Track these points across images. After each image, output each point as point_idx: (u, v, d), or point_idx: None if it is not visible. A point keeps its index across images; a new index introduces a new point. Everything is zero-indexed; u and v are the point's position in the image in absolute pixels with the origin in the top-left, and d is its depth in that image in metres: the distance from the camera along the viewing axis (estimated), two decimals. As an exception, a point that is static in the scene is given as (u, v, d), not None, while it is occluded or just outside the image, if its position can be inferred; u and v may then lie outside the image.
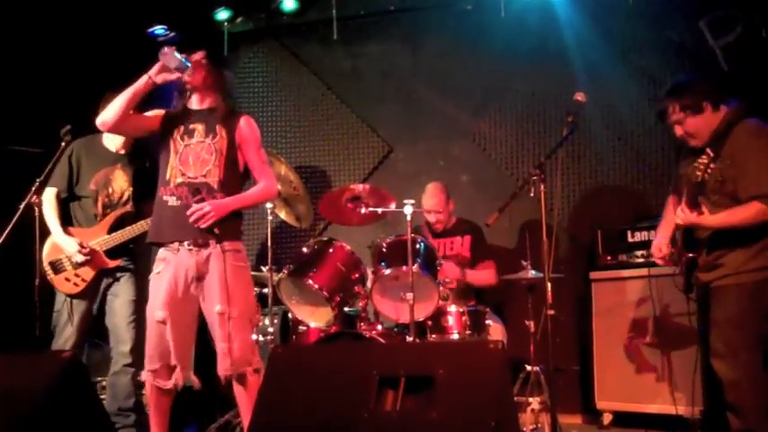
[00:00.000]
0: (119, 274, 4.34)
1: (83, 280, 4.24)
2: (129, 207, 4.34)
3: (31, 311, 4.13)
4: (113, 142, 4.42)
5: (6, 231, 4.13)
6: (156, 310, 3.47)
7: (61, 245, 4.21)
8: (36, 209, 4.08)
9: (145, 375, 3.51)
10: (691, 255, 3.48)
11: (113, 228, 4.27)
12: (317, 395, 2.69)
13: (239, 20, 5.96)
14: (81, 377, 3.00)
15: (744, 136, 3.34)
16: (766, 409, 3.29)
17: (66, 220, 4.30)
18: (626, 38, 5.18)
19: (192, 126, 3.58)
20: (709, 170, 3.22)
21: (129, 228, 4.26)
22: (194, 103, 3.63)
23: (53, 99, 4.53)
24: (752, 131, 3.35)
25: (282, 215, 4.69)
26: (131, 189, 4.36)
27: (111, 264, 4.28)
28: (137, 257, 4.39)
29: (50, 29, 5.38)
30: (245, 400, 3.48)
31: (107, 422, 3.21)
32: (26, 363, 3.22)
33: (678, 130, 3.49)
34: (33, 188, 3.98)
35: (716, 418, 3.52)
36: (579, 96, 3.77)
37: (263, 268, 4.57)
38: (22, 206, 4.05)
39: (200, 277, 3.49)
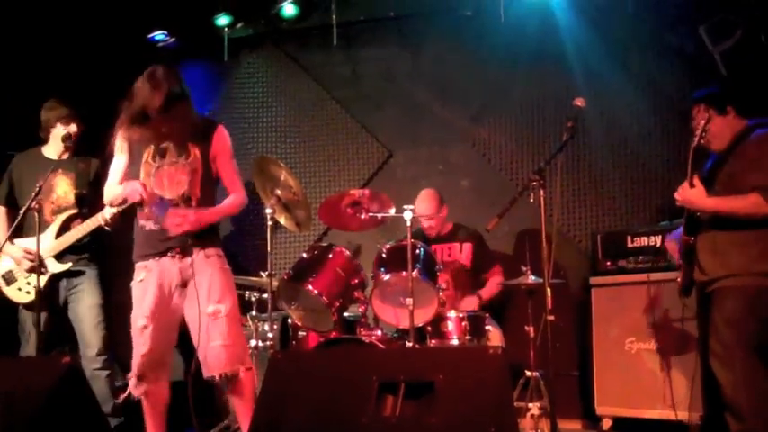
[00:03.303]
0: (77, 280, 4.34)
1: (35, 287, 4.19)
2: (74, 209, 4.36)
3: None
4: (54, 150, 4.46)
5: (7, 236, 4.15)
6: (139, 318, 3.45)
7: (8, 255, 4.25)
8: (36, 215, 4.07)
9: (132, 383, 3.48)
10: (691, 239, 3.52)
11: (61, 232, 4.29)
12: (316, 401, 2.68)
13: (239, 25, 5.98)
14: (79, 381, 3.01)
15: (755, 138, 3.48)
16: (764, 411, 3.30)
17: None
18: (625, 43, 5.19)
19: (163, 145, 3.49)
20: (705, 133, 3.39)
21: (75, 229, 4.27)
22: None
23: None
24: (763, 135, 3.48)
25: (282, 220, 4.67)
26: (75, 192, 4.38)
27: (60, 268, 4.27)
28: (97, 259, 4.40)
29: (51, 34, 5.39)
30: (240, 403, 3.47)
31: (105, 426, 3.21)
32: (26, 367, 3.25)
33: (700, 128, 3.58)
34: (33, 194, 3.97)
35: (716, 423, 3.52)
36: (578, 102, 3.77)
37: (263, 273, 4.56)
38: (21, 212, 4.06)
39: (183, 283, 3.48)
